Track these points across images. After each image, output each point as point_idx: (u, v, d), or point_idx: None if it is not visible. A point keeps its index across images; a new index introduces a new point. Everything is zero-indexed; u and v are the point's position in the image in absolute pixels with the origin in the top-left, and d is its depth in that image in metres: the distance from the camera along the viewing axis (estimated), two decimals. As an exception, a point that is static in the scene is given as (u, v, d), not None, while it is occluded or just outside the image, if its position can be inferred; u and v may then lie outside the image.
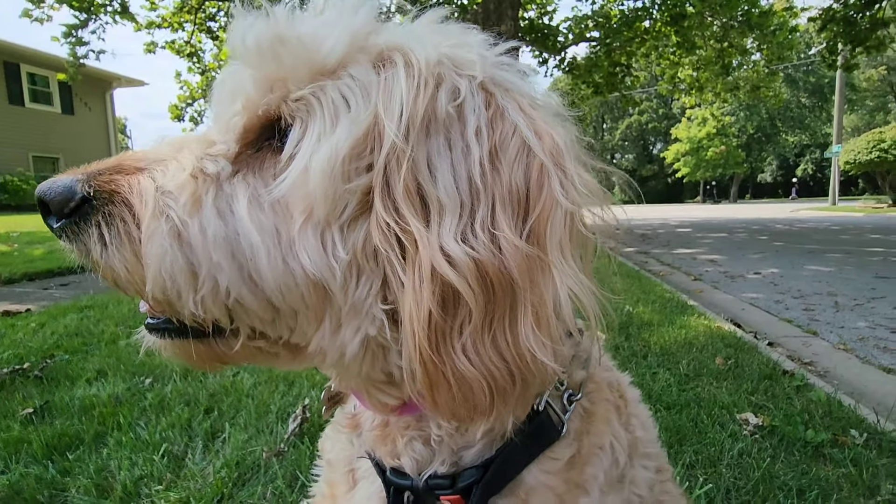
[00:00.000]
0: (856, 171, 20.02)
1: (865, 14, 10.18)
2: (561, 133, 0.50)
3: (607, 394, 0.65)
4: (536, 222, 0.47)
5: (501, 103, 0.50)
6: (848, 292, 4.50)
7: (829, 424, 1.82)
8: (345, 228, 0.49)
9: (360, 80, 0.50)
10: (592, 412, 0.63)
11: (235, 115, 0.54)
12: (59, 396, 2.01)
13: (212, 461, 1.58)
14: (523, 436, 0.57)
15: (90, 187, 0.50)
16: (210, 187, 0.51)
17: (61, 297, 4.11)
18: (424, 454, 0.59)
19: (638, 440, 0.66)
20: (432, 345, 0.46)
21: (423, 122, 0.48)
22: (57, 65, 15.86)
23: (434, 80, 0.49)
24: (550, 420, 0.59)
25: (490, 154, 0.48)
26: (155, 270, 0.48)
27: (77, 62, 9.76)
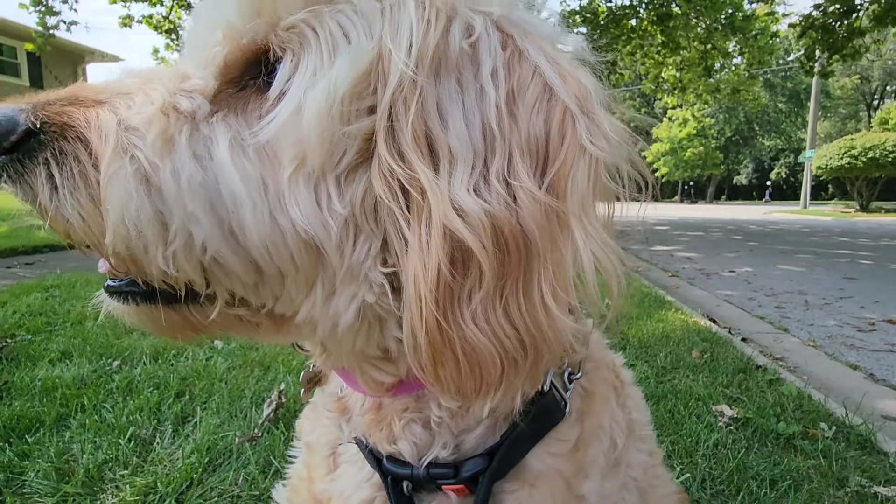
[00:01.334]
0: (827, 175, 20.67)
1: (843, 23, 10.44)
2: (587, 77, 0.46)
3: (605, 373, 0.63)
4: (557, 174, 0.42)
5: (521, 44, 0.45)
6: (817, 292, 4.64)
7: (799, 417, 1.87)
8: (342, 179, 0.43)
9: (363, 8, 0.43)
10: (592, 392, 0.61)
11: (215, 45, 0.46)
12: (19, 377, 1.92)
13: (181, 446, 1.52)
14: (529, 419, 0.54)
15: (37, 118, 0.42)
16: (184, 126, 0.43)
17: (25, 276, 3.94)
18: (424, 438, 0.55)
19: (634, 422, 0.65)
20: (440, 310, 0.40)
21: (433, 60, 0.42)
22: (25, 35, 15.14)
23: (446, 13, 0.44)
24: (555, 400, 0.56)
25: (507, 98, 0.43)
26: (116, 219, 0.41)
27: (47, 32, 9.33)
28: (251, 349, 2.33)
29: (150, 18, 11.63)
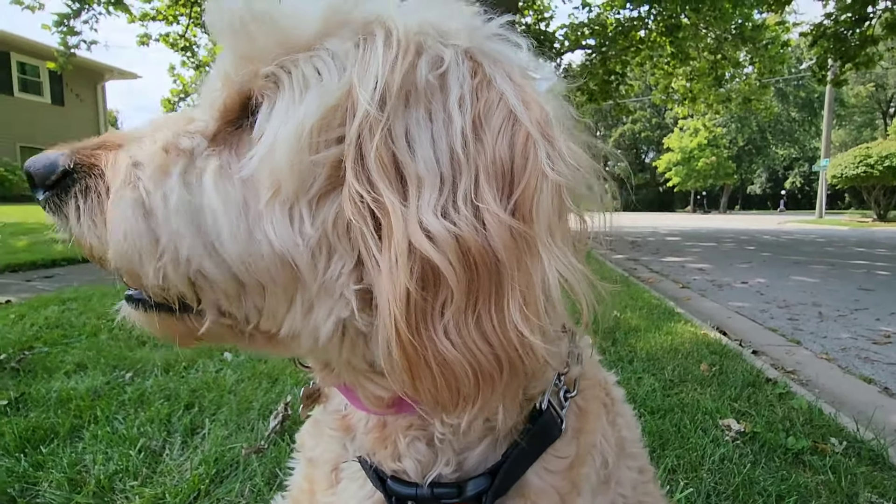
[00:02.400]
0: (843, 185, 20.34)
1: (855, 31, 10.36)
2: (551, 103, 0.48)
3: (598, 391, 0.65)
4: (522, 197, 0.44)
5: (489, 72, 0.48)
6: (832, 303, 4.56)
7: (809, 432, 1.84)
8: (314, 204, 0.47)
9: (337, 52, 0.48)
10: (586, 410, 0.62)
11: (216, 91, 0.53)
12: (35, 388, 1.97)
13: (190, 457, 1.55)
14: (529, 437, 0.56)
15: (71, 161, 0.51)
16: (181, 160, 0.50)
17: (44, 290, 4.04)
18: (428, 455, 0.56)
19: (624, 439, 0.65)
20: (411, 327, 0.43)
21: (400, 91, 0.46)
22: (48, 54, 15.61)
23: (415, 48, 0.47)
24: (553, 418, 0.58)
25: (473, 123, 0.45)
26: (116, 238, 0.48)
27: (68, 52, 9.63)
28: (260, 362, 2.37)
29: (166, 37, 11.96)
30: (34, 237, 6.69)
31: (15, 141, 17.42)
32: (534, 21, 13.50)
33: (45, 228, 6.00)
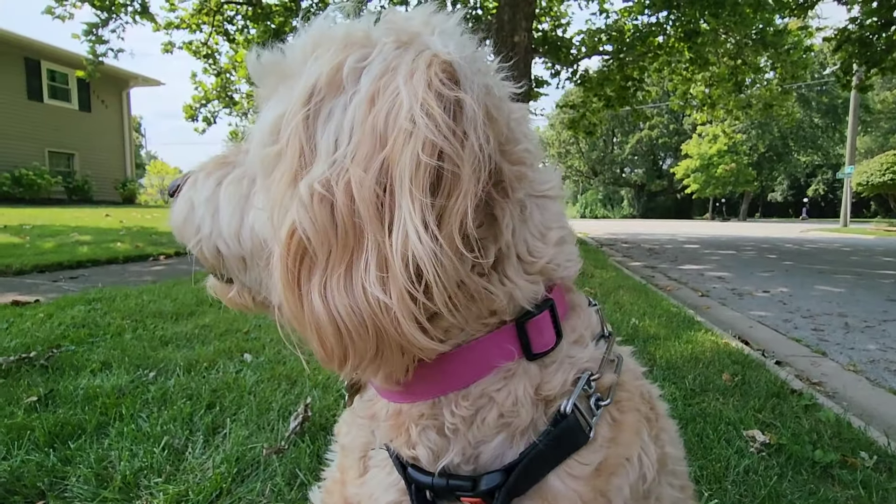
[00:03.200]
0: (868, 192, 19.89)
1: (881, 35, 10.14)
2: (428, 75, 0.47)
3: (639, 404, 0.63)
4: (387, 160, 0.45)
5: (398, 61, 0.49)
6: (858, 314, 4.45)
7: (837, 445, 1.79)
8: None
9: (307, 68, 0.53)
10: (622, 421, 0.60)
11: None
12: (63, 385, 2.02)
13: (212, 456, 1.57)
14: (548, 439, 0.55)
15: (184, 181, 0.69)
16: (222, 169, 0.65)
17: (70, 290, 4.14)
18: (440, 444, 0.57)
19: (667, 456, 0.63)
20: (289, 288, 0.47)
21: (329, 81, 0.49)
22: (77, 62, 16.10)
23: (349, 47, 0.51)
24: (578, 423, 0.56)
25: (370, 97, 0.47)
26: (174, 222, 0.67)
27: (96, 60, 9.92)
28: (279, 363, 2.39)
29: (189, 44, 12.25)
30: (60, 239, 6.88)
31: (44, 146, 17.97)
32: (551, 28, 13.50)
33: (70, 230, 6.23)
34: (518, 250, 0.55)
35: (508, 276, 0.55)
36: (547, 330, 0.58)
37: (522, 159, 0.55)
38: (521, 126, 0.57)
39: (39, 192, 16.10)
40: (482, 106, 0.48)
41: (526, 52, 9.53)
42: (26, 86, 17.38)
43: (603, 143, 56.54)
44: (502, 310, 0.55)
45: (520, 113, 0.58)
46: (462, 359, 0.56)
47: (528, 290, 0.56)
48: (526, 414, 0.56)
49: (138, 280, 4.71)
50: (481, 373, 0.56)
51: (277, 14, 11.66)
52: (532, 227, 0.57)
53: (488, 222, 0.53)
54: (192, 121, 13.34)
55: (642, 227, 25.52)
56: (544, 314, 0.57)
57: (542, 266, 0.57)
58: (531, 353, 0.57)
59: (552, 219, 0.59)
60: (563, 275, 0.61)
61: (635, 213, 57.21)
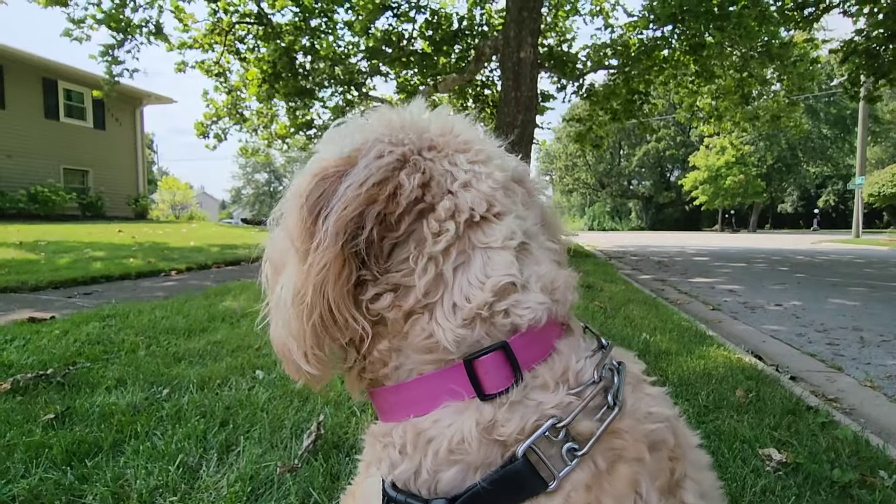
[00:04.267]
0: (880, 203, 19.70)
1: (889, 47, 10.13)
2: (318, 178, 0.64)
3: (640, 452, 0.57)
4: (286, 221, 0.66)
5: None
6: (874, 328, 4.38)
7: (856, 464, 1.76)
8: None
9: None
10: (613, 470, 0.56)
11: None
12: (79, 403, 2.04)
13: (226, 474, 1.58)
14: (491, 479, 0.54)
15: None
16: None
17: (84, 306, 4.20)
18: (396, 460, 0.61)
19: None
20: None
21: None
22: (92, 82, 16.51)
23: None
24: (531, 470, 0.54)
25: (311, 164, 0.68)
26: None
27: (112, 80, 10.17)
28: (290, 380, 2.40)
29: (202, 63, 12.52)
30: (75, 255, 6.99)
31: (59, 163, 18.35)
32: (556, 43, 13.65)
33: (84, 246, 6.31)
34: (454, 297, 0.60)
35: (438, 319, 0.60)
36: (495, 371, 0.58)
37: (446, 216, 0.63)
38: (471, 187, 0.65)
39: (54, 209, 16.39)
40: (359, 192, 0.61)
41: (532, 67, 9.63)
42: (43, 105, 17.82)
43: (610, 156, 56.58)
44: (438, 348, 0.60)
45: (471, 175, 0.66)
46: (411, 391, 0.61)
47: (455, 334, 0.59)
48: (476, 452, 0.56)
49: (150, 296, 4.76)
50: (430, 406, 0.59)
51: (287, 33, 11.90)
52: (471, 276, 0.61)
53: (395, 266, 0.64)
54: (204, 137, 13.59)
55: (651, 239, 25.38)
56: (492, 355, 0.58)
57: (476, 311, 0.59)
58: (483, 394, 0.58)
59: (496, 268, 0.61)
60: (515, 321, 0.60)
61: (643, 226, 56.96)
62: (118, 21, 9.48)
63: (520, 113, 9.50)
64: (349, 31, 12.51)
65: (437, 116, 0.72)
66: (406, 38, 12.66)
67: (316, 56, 12.30)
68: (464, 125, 0.72)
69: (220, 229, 16.74)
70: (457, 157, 0.66)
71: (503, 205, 0.66)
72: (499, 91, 11.49)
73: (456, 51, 13.03)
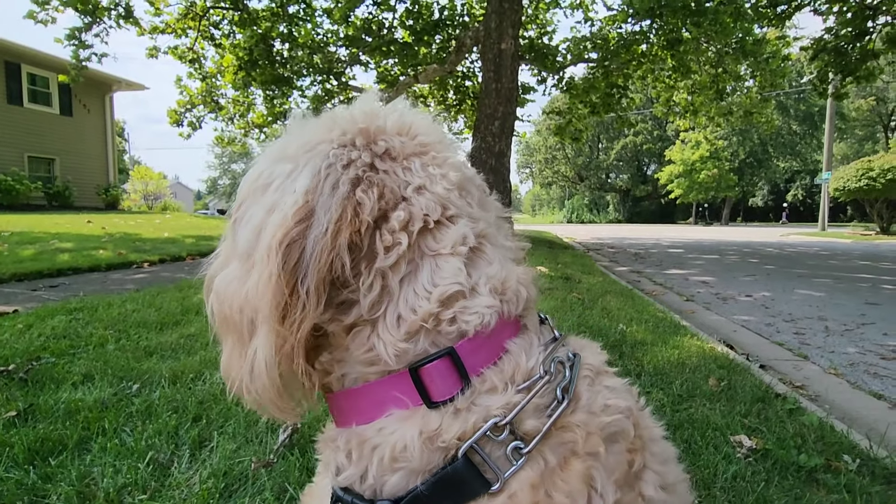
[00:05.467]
0: (845, 197, 20.35)
1: (856, 45, 10.45)
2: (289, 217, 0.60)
3: (595, 446, 0.55)
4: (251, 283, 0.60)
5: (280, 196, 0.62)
6: (838, 317, 4.55)
7: (821, 449, 1.82)
8: None
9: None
10: (565, 466, 0.54)
11: None
12: (43, 400, 1.96)
13: (198, 470, 1.54)
14: (434, 482, 0.54)
15: None
16: None
17: (50, 299, 4.05)
18: (343, 464, 0.61)
19: (643, 500, 0.57)
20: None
21: (250, 190, 0.65)
22: (58, 66, 15.80)
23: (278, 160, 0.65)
24: (472, 471, 0.53)
25: (259, 226, 0.61)
26: None
27: (80, 65, 9.76)
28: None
29: (175, 49, 12.12)
30: (40, 246, 6.72)
31: (23, 151, 17.58)
32: (536, 35, 13.66)
33: (50, 237, 6.06)
34: (399, 309, 0.59)
35: (379, 333, 0.59)
36: (441, 378, 0.57)
37: (399, 227, 0.60)
38: (425, 191, 0.63)
39: (18, 198, 15.72)
40: (327, 234, 0.58)
41: (513, 59, 9.62)
42: (6, 90, 17.00)
43: (589, 149, 57.15)
44: (379, 361, 0.59)
45: (426, 179, 0.63)
46: (355, 399, 0.61)
47: (396, 348, 0.58)
48: (419, 460, 0.55)
49: (121, 288, 4.62)
50: (375, 414, 0.59)
51: (264, 19, 11.61)
52: (417, 286, 0.59)
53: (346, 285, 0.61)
54: (177, 126, 13.18)
55: (628, 231, 25.80)
56: (438, 362, 0.57)
57: (421, 323, 0.58)
58: (430, 402, 0.57)
59: (444, 276, 0.60)
60: (462, 328, 0.59)
61: (621, 218, 57.86)
62: (85, 3, 9.07)
63: (500, 105, 9.49)
64: (328, 19, 12.27)
65: (392, 114, 0.68)
66: (386, 26, 12.48)
67: (294, 44, 12.04)
68: (422, 124, 0.68)
69: (196, 220, 16.31)
70: (413, 161, 0.64)
71: (457, 207, 0.64)
72: (479, 82, 11.45)
73: (437, 41, 12.93)
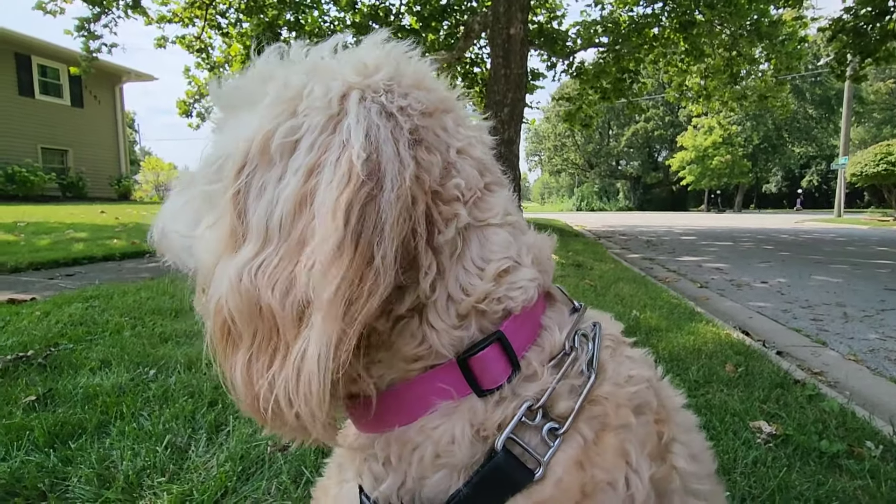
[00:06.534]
0: (862, 183, 19.96)
1: (876, 25, 10.14)
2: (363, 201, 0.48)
3: (625, 418, 0.54)
4: (311, 273, 0.46)
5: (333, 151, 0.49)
6: (857, 303, 4.46)
7: (843, 435, 1.79)
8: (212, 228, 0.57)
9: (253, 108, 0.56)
10: (599, 441, 0.53)
11: None
12: (62, 385, 1.99)
13: (216, 454, 1.55)
14: (473, 483, 0.51)
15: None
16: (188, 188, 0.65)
17: (66, 287, 4.10)
18: (380, 474, 0.57)
19: (676, 472, 0.56)
20: (219, 355, 0.51)
21: (261, 150, 0.50)
22: (68, 57, 15.90)
23: (284, 110, 0.51)
24: (514, 461, 0.51)
25: (299, 199, 0.48)
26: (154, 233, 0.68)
27: (90, 56, 9.80)
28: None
29: (182, 39, 12.11)
30: (56, 236, 6.81)
31: (36, 142, 17.78)
32: (546, 19, 13.43)
33: (65, 227, 6.15)
34: (449, 290, 0.53)
35: (431, 321, 0.53)
36: (493, 365, 0.53)
37: (454, 196, 0.53)
38: (466, 155, 0.56)
39: (33, 190, 15.93)
40: (402, 197, 0.48)
41: (522, 45, 9.47)
42: (17, 82, 17.15)
43: (599, 136, 56.49)
44: (430, 354, 0.53)
45: (464, 141, 0.57)
46: (398, 398, 0.55)
47: (451, 337, 0.53)
48: (462, 453, 0.52)
49: (135, 277, 4.66)
50: (420, 411, 0.54)
51: (271, 7, 11.53)
52: (467, 262, 0.54)
53: (407, 268, 0.51)
54: (186, 116, 13.23)
55: (639, 219, 25.55)
56: (489, 350, 0.53)
57: (474, 305, 0.53)
58: (480, 390, 0.53)
59: (494, 250, 0.55)
60: (509, 306, 0.55)
61: (631, 206, 57.28)
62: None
63: (509, 91, 9.38)
64: (335, 6, 12.16)
65: (407, 62, 0.58)
66: (393, 13, 12.35)
67: (301, 31, 11.96)
68: (430, 76, 0.59)
69: (206, 211, 16.42)
70: (445, 120, 0.56)
71: (492, 173, 0.59)
72: (488, 69, 11.31)
73: (445, 27, 12.78)
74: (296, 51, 0.60)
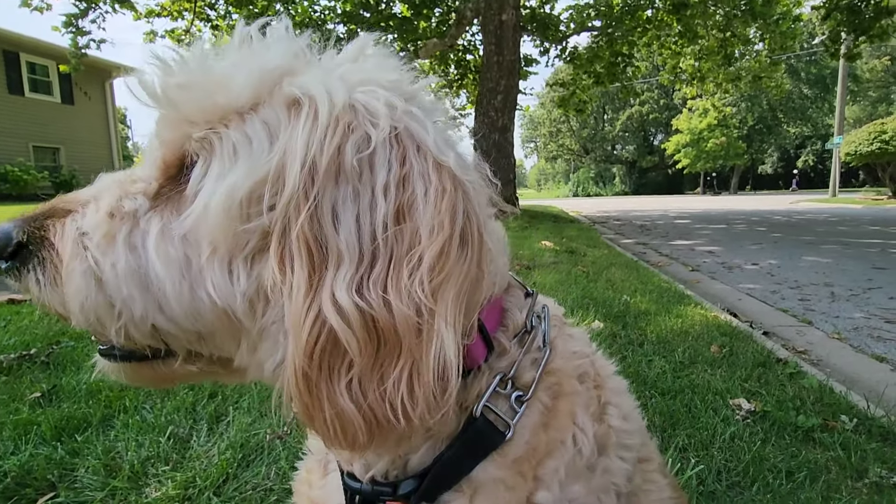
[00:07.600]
0: (857, 162, 19.99)
1: (869, 3, 10.10)
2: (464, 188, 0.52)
3: (574, 386, 0.63)
4: (433, 284, 0.48)
5: (413, 163, 0.51)
6: (844, 283, 4.54)
7: (819, 410, 1.87)
8: (249, 261, 0.52)
9: (269, 122, 0.52)
10: (554, 407, 0.61)
11: (156, 149, 0.57)
12: (65, 381, 2.05)
13: (216, 443, 1.62)
14: (460, 443, 0.58)
15: (24, 233, 0.55)
16: (125, 224, 0.54)
17: (64, 286, 4.14)
18: (371, 458, 0.62)
19: (612, 430, 0.64)
20: (310, 381, 0.48)
21: (329, 170, 0.49)
22: (56, 54, 15.72)
23: (343, 128, 0.50)
24: (490, 425, 0.58)
25: (397, 212, 0.49)
26: (75, 308, 0.52)
27: (79, 52, 9.72)
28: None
29: (172, 32, 11.99)
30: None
31: (27, 141, 17.64)
32: (538, 4, 13.32)
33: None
34: None
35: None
36: (474, 349, 0.59)
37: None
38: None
39: (26, 188, 15.86)
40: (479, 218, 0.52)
41: (514, 31, 9.43)
42: (6, 80, 16.97)
43: (594, 121, 56.29)
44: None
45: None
46: None
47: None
48: (448, 426, 0.58)
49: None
50: None
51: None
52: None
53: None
54: (178, 110, 13.13)
55: (634, 203, 25.60)
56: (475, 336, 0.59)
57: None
58: (465, 371, 0.58)
59: (493, 240, 0.59)
60: (495, 292, 0.63)
61: (627, 190, 57.29)
62: (78, -13, 8.99)
63: (503, 78, 9.36)
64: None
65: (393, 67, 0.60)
66: (384, 1, 12.24)
67: (291, 21, 11.85)
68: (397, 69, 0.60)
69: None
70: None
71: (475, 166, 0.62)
72: (481, 56, 11.26)
73: (436, 14, 12.68)
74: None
